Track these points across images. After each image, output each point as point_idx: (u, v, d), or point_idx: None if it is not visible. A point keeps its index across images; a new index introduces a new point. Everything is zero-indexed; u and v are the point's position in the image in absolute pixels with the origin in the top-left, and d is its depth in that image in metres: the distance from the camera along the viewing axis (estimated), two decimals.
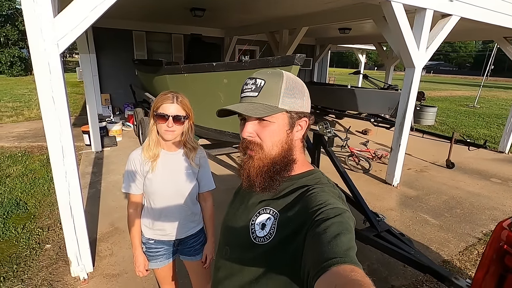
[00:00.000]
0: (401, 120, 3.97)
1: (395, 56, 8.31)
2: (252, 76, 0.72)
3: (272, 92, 0.69)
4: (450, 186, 4.30)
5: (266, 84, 0.69)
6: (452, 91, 21.44)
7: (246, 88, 0.72)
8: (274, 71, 0.72)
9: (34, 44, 1.76)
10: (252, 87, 0.70)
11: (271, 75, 0.71)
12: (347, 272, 0.49)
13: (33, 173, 4.26)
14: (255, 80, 0.71)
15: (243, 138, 0.72)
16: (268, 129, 0.70)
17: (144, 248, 1.46)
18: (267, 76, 0.70)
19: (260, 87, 0.69)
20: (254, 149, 0.71)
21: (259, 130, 0.71)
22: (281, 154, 0.72)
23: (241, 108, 0.69)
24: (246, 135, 0.71)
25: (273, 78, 0.70)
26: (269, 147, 0.71)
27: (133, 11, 6.21)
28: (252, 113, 0.67)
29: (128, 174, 1.36)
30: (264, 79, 0.70)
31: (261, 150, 0.71)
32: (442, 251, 2.78)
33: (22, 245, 2.67)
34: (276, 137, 0.71)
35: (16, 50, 19.51)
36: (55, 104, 1.88)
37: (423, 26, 3.49)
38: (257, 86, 0.70)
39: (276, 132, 0.71)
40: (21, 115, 8.05)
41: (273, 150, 0.71)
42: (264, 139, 0.70)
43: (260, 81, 0.70)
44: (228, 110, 0.70)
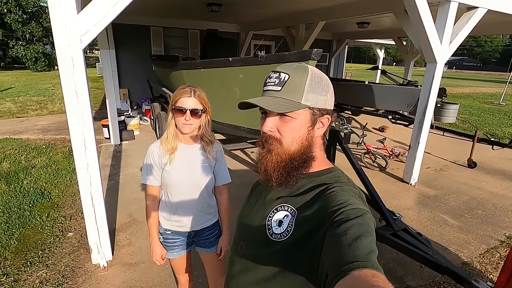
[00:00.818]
0: (420, 117, 3.85)
1: (416, 51, 8.03)
2: (276, 69, 0.70)
3: (295, 87, 0.68)
4: (471, 186, 4.14)
5: (290, 79, 0.68)
6: (476, 88, 20.53)
7: (269, 82, 0.70)
8: (299, 65, 0.70)
9: (59, 39, 1.82)
10: (275, 81, 0.69)
11: (295, 69, 0.69)
12: (368, 277, 0.49)
13: (56, 164, 4.45)
14: (279, 74, 0.69)
15: (263, 132, 0.71)
16: (289, 124, 0.69)
17: (161, 238, 1.50)
18: (292, 71, 0.69)
19: (284, 81, 0.68)
20: (273, 143, 0.70)
21: (279, 125, 0.70)
22: (300, 150, 0.71)
23: (263, 102, 0.67)
24: (266, 130, 0.70)
25: (298, 73, 0.69)
26: (289, 143, 0.70)
27: (151, 7, 6.30)
28: (274, 108, 0.66)
29: (147, 166, 1.40)
30: (288, 74, 0.68)
31: (280, 145, 0.70)
32: (461, 252, 2.70)
33: (46, 232, 2.80)
34: (297, 133, 0.70)
35: (40, 46, 20.27)
36: (78, 98, 1.95)
37: (447, 19, 3.35)
38: (281, 80, 0.68)
39: (297, 128, 0.70)
40: (45, 109, 8.39)
41: (292, 146, 0.70)
42: (284, 134, 0.70)
43: (284, 75, 0.68)
44: (248, 102, 0.70)
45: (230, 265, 0.85)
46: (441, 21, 3.39)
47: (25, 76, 17.03)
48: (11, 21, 18.72)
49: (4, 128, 6.31)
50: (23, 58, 19.75)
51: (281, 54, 2.94)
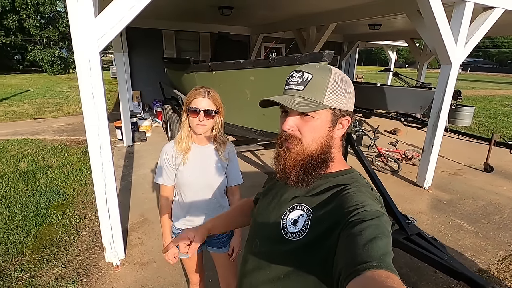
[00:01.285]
0: (434, 120, 3.77)
1: (429, 53, 7.90)
2: (299, 69, 0.71)
3: (318, 87, 0.68)
4: (488, 191, 4.03)
5: (313, 79, 0.68)
6: (492, 90, 19.97)
7: (291, 81, 0.71)
8: (322, 66, 0.71)
9: (77, 42, 1.88)
10: (298, 80, 0.70)
11: (319, 69, 0.70)
12: (382, 278, 0.48)
13: (71, 164, 4.57)
14: (302, 73, 0.70)
15: (283, 130, 0.72)
16: (309, 124, 0.70)
17: (174, 238, 1.51)
18: (315, 71, 0.69)
19: (307, 81, 0.69)
20: (293, 142, 0.71)
21: (300, 125, 0.70)
22: (319, 150, 0.71)
23: (286, 101, 0.68)
24: (287, 128, 0.71)
25: (321, 73, 0.69)
26: (308, 142, 0.70)
27: (164, 11, 6.42)
28: (297, 107, 0.67)
29: (161, 166, 1.42)
30: (311, 73, 0.69)
31: (299, 144, 0.70)
32: (477, 259, 2.62)
33: (62, 230, 2.87)
34: (317, 133, 0.70)
35: (57, 50, 20.92)
36: (94, 99, 2.01)
37: (462, 20, 3.28)
38: (304, 80, 0.69)
39: (317, 128, 0.70)
40: (60, 111, 8.63)
41: (312, 145, 0.71)
42: (304, 134, 0.70)
43: (308, 75, 0.69)
44: (270, 100, 0.70)
45: (243, 263, 0.85)
46: (456, 21, 3.33)
47: (42, 79, 17.57)
48: (30, 26, 19.39)
49: (22, 129, 6.52)
50: (40, 61, 20.41)
51: (292, 56, 2.94)
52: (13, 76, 18.66)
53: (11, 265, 2.39)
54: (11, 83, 15.08)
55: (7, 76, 18.48)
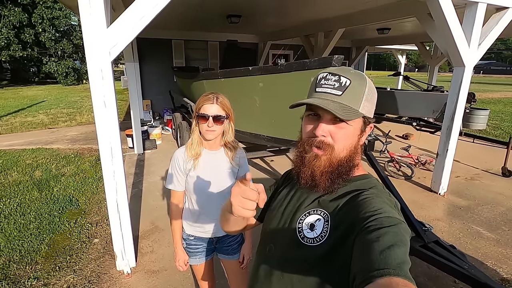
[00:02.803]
0: (448, 123, 3.68)
1: (440, 56, 7.78)
2: (334, 72, 0.69)
3: (356, 95, 0.67)
4: (507, 196, 3.87)
5: (351, 85, 0.67)
6: (507, 93, 19.44)
7: (326, 83, 0.68)
8: (357, 72, 0.70)
9: (90, 52, 1.92)
10: (334, 84, 0.67)
11: (355, 75, 0.68)
12: (399, 285, 0.47)
13: (83, 172, 4.64)
14: (339, 77, 0.67)
15: (314, 136, 0.69)
16: (344, 131, 0.68)
17: (185, 244, 1.50)
18: (352, 76, 0.68)
19: (345, 86, 0.67)
20: (325, 149, 0.69)
21: (333, 131, 0.68)
22: (347, 157, 0.70)
23: (329, 106, 0.65)
24: (320, 134, 0.68)
25: (358, 80, 0.68)
26: (340, 149, 0.69)
27: (173, 21, 6.56)
28: (341, 115, 0.65)
29: (172, 171, 1.42)
30: (350, 79, 0.67)
31: (332, 151, 0.69)
32: (500, 268, 2.50)
33: (74, 238, 2.90)
34: (349, 141, 0.70)
35: (71, 61, 21.58)
36: (106, 107, 2.04)
37: (475, 21, 3.22)
38: (341, 85, 0.67)
39: (350, 135, 0.69)
40: (74, 120, 8.84)
41: (343, 152, 0.69)
42: (338, 141, 0.69)
43: (345, 79, 0.67)
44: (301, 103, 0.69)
45: (255, 269, 0.83)
46: (469, 23, 3.26)
47: (56, 90, 18.11)
48: (45, 39, 20.12)
49: (37, 139, 6.69)
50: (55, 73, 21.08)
51: (301, 62, 2.93)
52: (29, 87, 19.31)
53: (25, 273, 2.41)
54: (27, 94, 15.60)
55: (24, 87, 19.14)
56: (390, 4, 4.39)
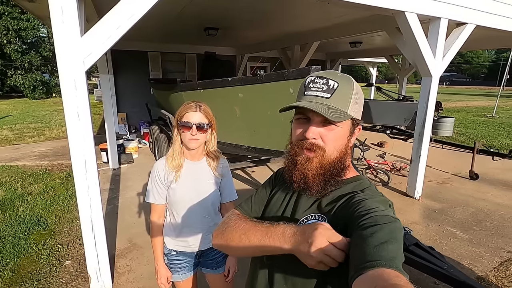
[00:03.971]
0: (420, 130, 3.87)
1: (408, 68, 8.26)
2: (322, 75, 0.70)
3: (344, 97, 0.69)
4: (476, 198, 4.10)
5: (339, 87, 0.68)
6: (468, 102, 20.96)
7: (315, 87, 0.69)
8: (343, 75, 0.71)
9: (62, 62, 1.83)
10: (323, 87, 0.68)
11: (343, 78, 0.70)
12: (391, 276, 0.47)
13: (53, 190, 4.35)
14: (327, 80, 0.69)
15: (304, 138, 0.70)
16: (333, 133, 0.69)
17: (166, 260, 1.43)
18: (339, 79, 0.69)
19: (333, 89, 0.68)
20: (316, 151, 0.69)
21: (323, 133, 0.69)
22: (338, 159, 0.71)
23: (318, 108, 0.66)
24: (311, 136, 0.69)
25: (346, 83, 0.69)
26: (331, 151, 0.70)
27: (150, 33, 6.48)
28: (331, 117, 0.65)
29: (152, 184, 1.36)
30: (337, 82, 0.68)
31: (323, 153, 0.69)
32: (475, 266, 2.61)
33: (42, 261, 2.68)
34: (339, 142, 0.70)
35: (39, 74, 20.56)
36: (80, 119, 1.94)
37: (438, 35, 3.46)
38: (330, 87, 0.68)
39: (340, 137, 0.70)
40: (42, 135, 8.35)
41: (333, 154, 0.70)
42: (328, 142, 0.69)
43: (333, 82, 0.68)
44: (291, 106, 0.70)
45: (252, 278, 0.80)
46: (433, 36, 3.50)
47: (23, 104, 17.12)
48: (11, 51, 19.10)
49: (0, 156, 6.23)
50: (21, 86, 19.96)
51: (280, 72, 2.98)
52: None
53: None
54: None
55: None
56: (362, 18, 4.63)
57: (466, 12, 3.57)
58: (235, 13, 4.64)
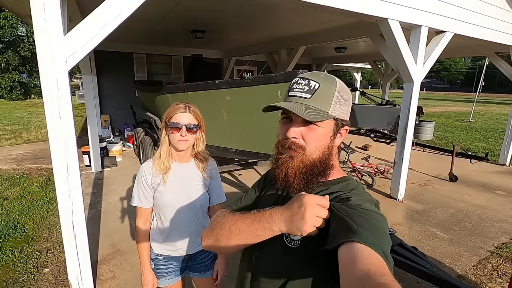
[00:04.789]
0: (402, 134, 3.99)
1: (391, 73, 8.52)
2: (305, 76, 0.71)
3: (325, 97, 0.69)
4: (455, 199, 4.25)
5: (320, 88, 0.69)
6: (447, 107, 21.81)
7: (297, 88, 0.71)
8: (327, 75, 0.72)
9: (43, 61, 1.77)
10: (304, 88, 0.70)
11: (325, 79, 0.71)
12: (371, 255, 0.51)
13: (31, 195, 4.17)
14: (309, 81, 0.70)
15: (286, 138, 0.71)
16: (314, 133, 0.70)
17: (153, 265, 1.39)
18: (321, 80, 0.70)
19: (314, 89, 0.69)
20: (297, 150, 0.70)
21: (304, 133, 0.70)
22: (321, 158, 0.71)
23: (296, 109, 0.67)
24: (291, 136, 0.70)
25: (327, 83, 0.70)
26: (312, 150, 0.70)
27: (136, 34, 6.38)
28: (307, 116, 0.66)
29: (138, 187, 1.33)
30: (318, 82, 0.69)
31: (303, 153, 0.70)
32: (455, 265, 2.70)
33: (19, 269, 2.55)
34: (320, 142, 0.71)
35: (16, 75, 19.75)
36: (62, 120, 1.88)
37: (419, 42, 3.60)
38: (311, 88, 0.69)
39: (321, 137, 0.71)
40: (19, 138, 8.00)
41: (315, 154, 0.71)
42: (309, 142, 0.70)
43: (315, 83, 0.69)
44: (274, 106, 0.70)
45: (241, 280, 0.80)
46: (414, 43, 3.64)
47: None
48: None
49: None
50: None
51: (267, 76, 3.00)
52: None
53: None
54: None
55: None
56: (347, 24, 4.75)
57: (445, 21, 3.74)
58: (222, 16, 4.65)
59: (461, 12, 3.86)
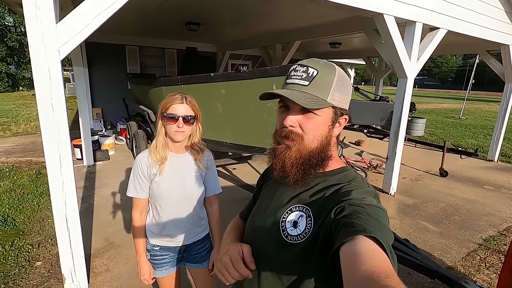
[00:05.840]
0: (395, 129, 4.03)
1: (385, 69, 8.59)
2: (303, 63, 0.69)
3: (323, 84, 0.67)
4: (445, 193, 4.34)
5: (318, 75, 0.67)
6: (438, 104, 22.13)
7: (295, 75, 0.69)
8: (326, 62, 0.70)
9: (35, 50, 1.73)
10: (302, 75, 0.67)
11: (324, 66, 0.68)
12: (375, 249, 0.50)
13: (21, 188, 4.09)
14: (307, 68, 0.68)
15: (283, 126, 0.69)
16: (312, 121, 0.68)
17: (149, 256, 1.39)
18: (320, 67, 0.68)
19: (312, 76, 0.67)
20: (294, 139, 0.68)
21: (302, 121, 0.68)
22: (319, 148, 0.69)
23: (293, 96, 0.65)
24: (288, 124, 0.68)
25: (326, 70, 0.68)
26: (310, 139, 0.68)
27: (129, 26, 6.26)
28: (303, 103, 0.64)
29: (134, 177, 1.31)
30: (317, 69, 0.67)
31: (301, 142, 0.68)
32: (444, 257, 2.76)
33: (10, 263, 2.51)
34: (318, 131, 0.69)
35: (4, 66, 19.22)
36: (54, 111, 1.84)
37: (414, 38, 3.62)
38: (309, 75, 0.67)
39: (319, 125, 0.68)
40: (8, 131, 7.82)
41: (313, 143, 0.69)
42: (307, 131, 0.68)
43: (313, 70, 0.67)
44: (270, 93, 0.68)
45: None
46: (409, 39, 3.66)
47: None
48: None
49: None
50: None
51: (263, 69, 2.99)
52: None
53: None
54: None
55: None
56: (343, 19, 4.75)
57: (439, 17, 3.77)
58: (218, 8, 4.59)
59: (455, 9, 3.90)
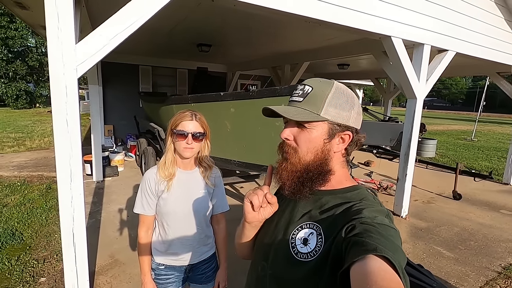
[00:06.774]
0: (406, 150, 3.97)
1: (393, 91, 8.61)
2: (304, 82, 0.73)
3: (316, 100, 0.69)
4: (460, 217, 4.18)
5: (312, 91, 0.70)
6: (448, 126, 21.85)
7: (294, 93, 0.73)
8: (324, 80, 0.72)
9: (54, 68, 1.81)
10: (299, 92, 0.71)
11: (320, 83, 0.71)
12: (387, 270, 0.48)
13: (31, 202, 4.14)
14: (304, 86, 0.72)
15: (281, 140, 0.74)
16: (304, 134, 0.70)
17: (153, 275, 1.36)
18: (316, 84, 0.71)
19: (306, 93, 0.70)
20: (289, 152, 0.71)
21: (296, 134, 0.71)
22: (315, 161, 0.70)
23: (281, 109, 0.69)
24: (283, 137, 0.72)
25: (321, 87, 0.70)
26: (304, 152, 0.70)
27: (142, 47, 6.53)
28: (290, 115, 0.68)
29: (142, 194, 1.32)
30: (312, 86, 0.71)
31: (295, 154, 0.71)
32: (461, 286, 2.62)
33: (15, 278, 2.49)
34: (312, 144, 0.70)
35: (23, 84, 20.10)
36: (68, 126, 1.89)
37: (422, 60, 3.65)
38: (304, 92, 0.71)
39: (312, 139, 0.70)
40: (22, 145, 8.04)
41: (307, 156, 0.70)
42: (300, 143, 0.71)
43: (308, 87, 0.71)
44: (269, 110, 0.72)
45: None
46: (417, 61, 3.69)
47: (3, 113, 16.56)
48: None
49: None
50: (3, 95, 19.43)
51: (272, 88, 3.03)
52: None
53: None
54: None
55: None
56: (351, 41, 4.84)
57: (447, 40, 3.81)
58: (228, 31, 4.76)
59: (463, 32, 3.94)
